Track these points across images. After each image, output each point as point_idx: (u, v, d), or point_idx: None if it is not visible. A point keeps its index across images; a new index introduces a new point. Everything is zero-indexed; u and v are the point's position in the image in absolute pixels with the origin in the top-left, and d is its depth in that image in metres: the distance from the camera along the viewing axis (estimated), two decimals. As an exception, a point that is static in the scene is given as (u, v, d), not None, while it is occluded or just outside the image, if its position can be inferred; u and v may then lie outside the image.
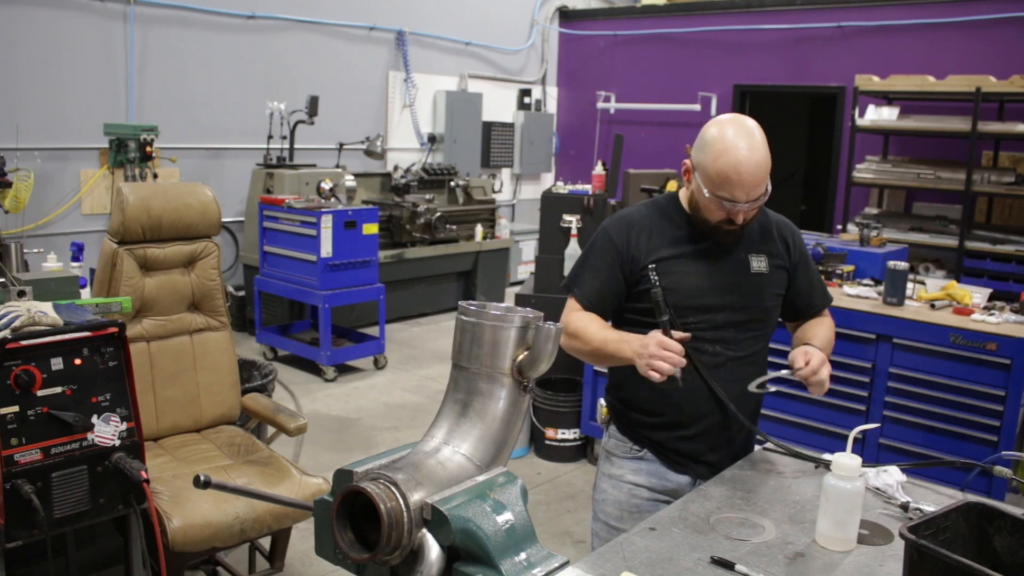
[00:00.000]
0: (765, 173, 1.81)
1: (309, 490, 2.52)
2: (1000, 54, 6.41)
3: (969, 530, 1.32)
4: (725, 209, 1.83)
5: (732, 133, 1.82)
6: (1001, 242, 5.98)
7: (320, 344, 5.44)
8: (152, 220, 2.71)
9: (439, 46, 8.20)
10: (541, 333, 1.24)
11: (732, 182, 1.79)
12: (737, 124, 1.84)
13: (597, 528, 2.10)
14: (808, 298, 2.09)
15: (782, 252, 2.03)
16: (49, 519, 1.87)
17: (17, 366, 1.84)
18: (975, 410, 3.21)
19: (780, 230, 2.05)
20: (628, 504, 2.03)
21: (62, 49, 5.63)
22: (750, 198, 1.81)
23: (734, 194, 1.80)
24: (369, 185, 7.16)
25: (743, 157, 1.78)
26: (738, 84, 8.14)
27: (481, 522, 1.04)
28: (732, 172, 1.78)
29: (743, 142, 1.79)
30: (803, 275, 2.07)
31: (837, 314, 3.46)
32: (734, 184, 1.79)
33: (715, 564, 1.48)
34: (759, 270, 1.98)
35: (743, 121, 1.85)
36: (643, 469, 2.03)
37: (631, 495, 2.03)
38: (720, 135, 1.82)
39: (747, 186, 1.79)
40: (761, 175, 1.80)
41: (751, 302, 1.96)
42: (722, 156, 1.80)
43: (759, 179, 1.80)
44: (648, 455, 2.02)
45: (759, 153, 1.80)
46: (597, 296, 1.98)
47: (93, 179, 5.84)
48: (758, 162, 1.79)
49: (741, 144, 1.79)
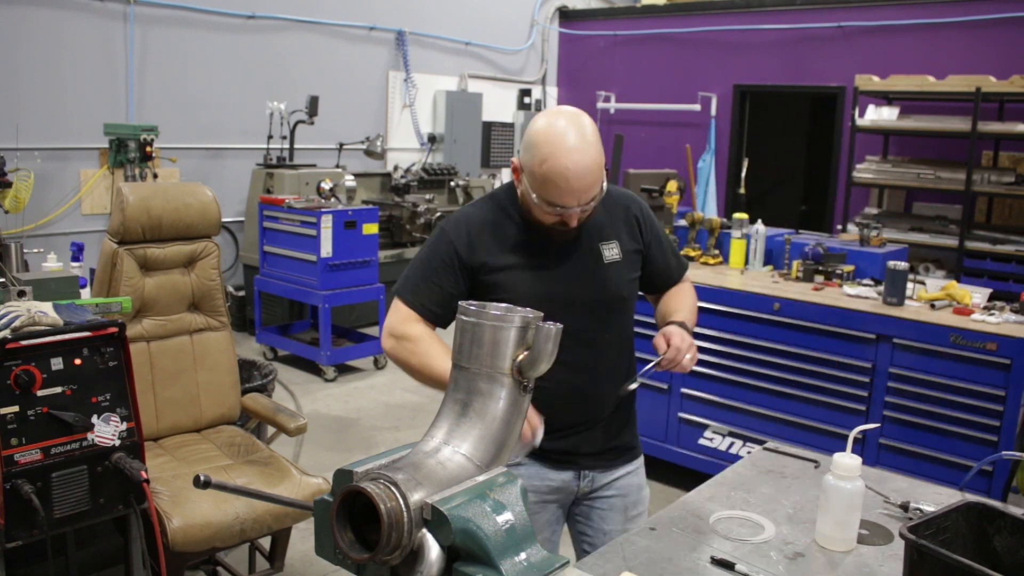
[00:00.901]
0: (597, 175, 1.67)
1: (309, 490, 2.52)
2: (1000, 54, 6.41)
3: (969, 530, 1.32)
4: (555, 214, 1.70)
5: (558, 133, 1.64)
6: (1001, 242, 5.98)
7: (320, 344, 5.44)
8: (152, 220, 2.71)
9: (439, 46, 8.20)
10: (541, 333, 1.24)
11: (560, 189, 1.64)
12: (564, 121, 1.66)
13: None
14: (665, 272, 2.01)
15: (634, 233, 1.92)
16: (49, 519, 1.87)
17: (17, 366, 1.84)
18: (975, 410, 3.21)
19: (628, 210, 1.92)
20: None
21: (62, 49, 5.63)
22: (582, 203, 1.67)
23: (564, 201, 1.66)
24: (369, 185, 7.16)
25: (571, 162, 1.62)
26: (738, 84, 8.14)
27: (481, 522, 1.05)
28: (559, 179, 1.63)
29: (570, 142, 1.63)
30: (657, 251, 1.97)
31: (837, 314, 3.50)
32: (563, 191, 1.65)
33: (715, 564, 1.48)
34: (612, 259, 1.86)
35: (571, 117, 1.68)
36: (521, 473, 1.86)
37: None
38: (545, 135, 1.65)
39: (577, 191, 1.65)
40: (592, 178, 1.65)
41: (606, 294, 1.86)
42: (548, 161, 1.63)
43: (590, 183, 1.65)
44: (524, 459, 1.89)
45: (588, 155, 1.64)
46: (438, 303, 1.79)
47: (93, 179, 5.84)
48: (587, 166, 1.64)
49: (568, 144, 1.63)
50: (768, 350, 3.67)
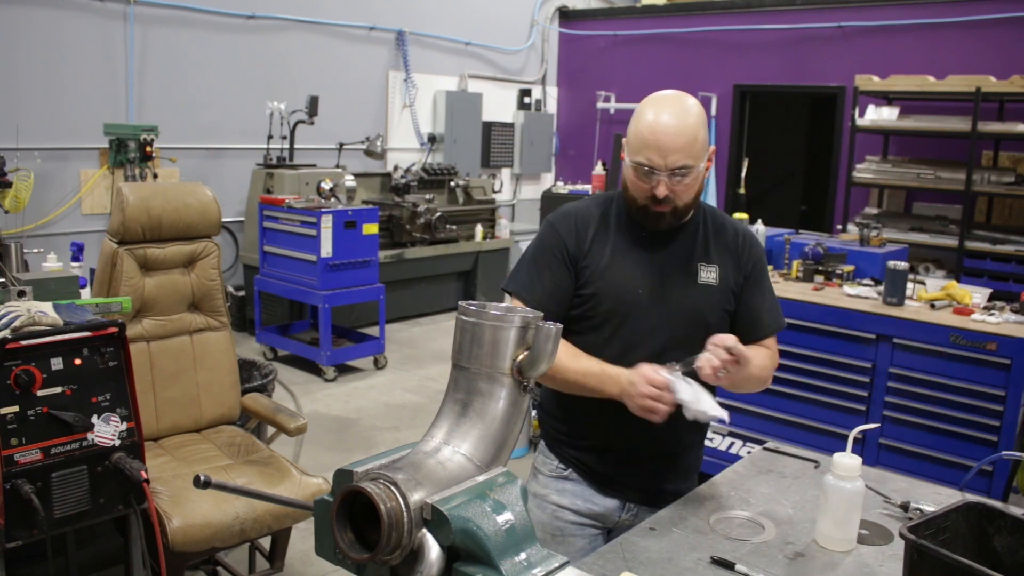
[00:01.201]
0: (688, 142, 1.66)
1: (309, 490, 2.52)
2: (1000, 54, 6.41)
3: (969, 530, 1.32)
4: (645, 182, 1.70)
5: (660, 99, 1.72)
6: (1001, 242, 5.98)
7: (320, 344, 5.44)
8: (152, 220, 2.71)
9: (439, 46, 8.20)
10: (541, 333, 1.24)
11: (647, 143, 1.67)
12: (668, 94, 1.74)
13: None
14: (754, 319, 1.85)
15: (735, 263, 1.84)
16: (49, 519, 1.87)
17: (17, 366, 1.84)
18: (975, 410, 3.21)
19: (736, 240, 1.86)
20: (551, 527, 1.88)
21: (62, 49, 5.63)
22: (668, 164, 1.66)
23: (650, 158, 1.67)
24: (369, 185, 7.16)
25: (663, 120, 1.67)
26: (738, 84, 8.14)
27: (481, 522, 1.05)
28: (648, 132, 1.67)
29: (668, 106, 1.69)
30: (754, 294, 1.85)
31: (837, 314, 3.50)
32: (650, 145, 1.67)
33: (715, 564, 1.48)
34: (707, 281, 1.80)
35: (677, 94, 1.74)
36: (568, 490, 1.88)
37: (555, 517, 1.88)
38: (649, 102, 1.73)
39: (664, 148, 1.66)
40: (681, 141, 1.66)
41: (690, 314, 1.78)
42: (643, 118, 1.70)
43: (679, 144, 1.66)
44: (573, 475, 1.87)
45: (683, 120, 1.68)
46: (549, 298, 1.78)
47: (93, 179, 5.84)
48: (679, 127, 1.66)
49: (665, 107, 1.69)
50: (768, 350, 3.67)
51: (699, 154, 1.69)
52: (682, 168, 1.67)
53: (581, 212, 1.86)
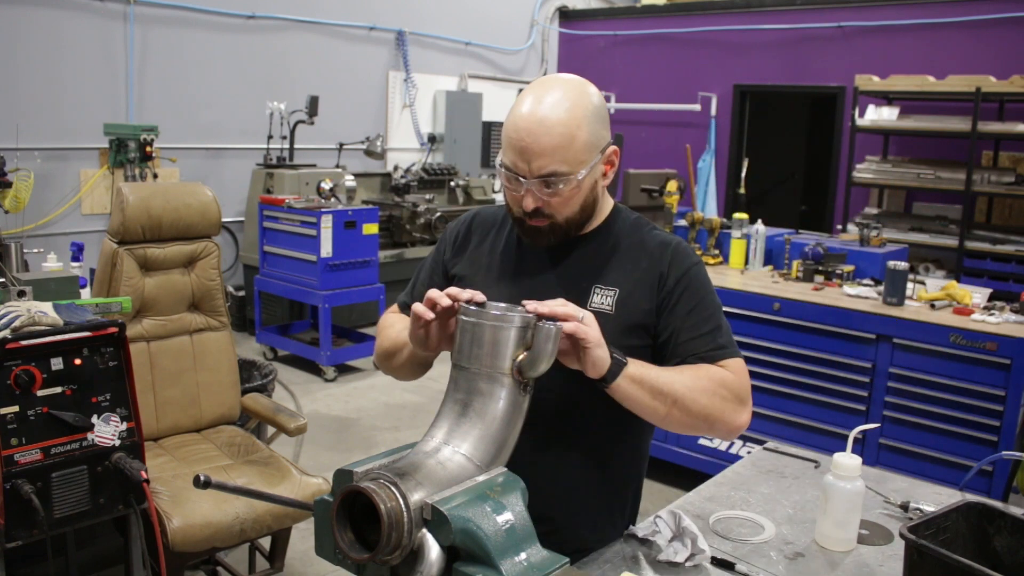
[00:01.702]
0: (559, 143, 1.34)
1: (309, 490, 2.52)
2: (1000, 54, 6.41)
3: (969, 530, 1.32)
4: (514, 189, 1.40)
5: (538, 87, 1.39)
6: (1001, 242, 5.98)
7: (320, 344, 5.44)
8: (152, 220, 2.71)
9: (439, 46, 8.20)
10: (541, 333, 1.24)
11: (511, 143, 1.37)
12: (551, 80, 1.40)
13: None
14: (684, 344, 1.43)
15: (650, 285, 1.47)
16: (49, 519, 1.87)
17: (17, 366, 1.84)
18: (975, 410, 3.21)
19: (650, 259, 1.48)
20: None
21: (62, 49, 5.62)
22: (533, 171, 1.36)
23: (514, 161, 1.37)
24: (369, 185, 7.16)
25: (532, 115, 1.35)
26: (738, 84, 8.14)
27: (481, 522, 1.05)
28: (512, 130, 1.36)
29: (545, 97, 1.36)
30: (678, 316, 1.45)
31: (837, 314, 3.50)
32: (513, 146, 1.36)
33: (715, 564, 1.48)
34: (600, 307, 1.45)
35: (564, 80, 1.41)
36: None
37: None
38: (528, 90, 1.41)
39: (527, 151, 1.34)
40: (549, 142, 1.33)
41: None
42: (513, 110, 1.39)
43: (545, 147, 1.34)
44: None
45: (557, 115, 1.34)
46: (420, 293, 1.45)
47: (93, 179, 5.84)
48: (549, 125, 1.33)
49: (541, 98, 1.36)
50: (768, 350, 3.67)
51: (577, 158, 1.36)
52: (551, 175, 1.36)
53: (484, 216, 1.65)
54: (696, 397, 1.37)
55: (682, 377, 1.38)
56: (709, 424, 1.40)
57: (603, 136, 1.43)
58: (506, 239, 1.58)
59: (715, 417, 1.39)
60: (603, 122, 1.43)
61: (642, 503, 1.70)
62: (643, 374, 1.34)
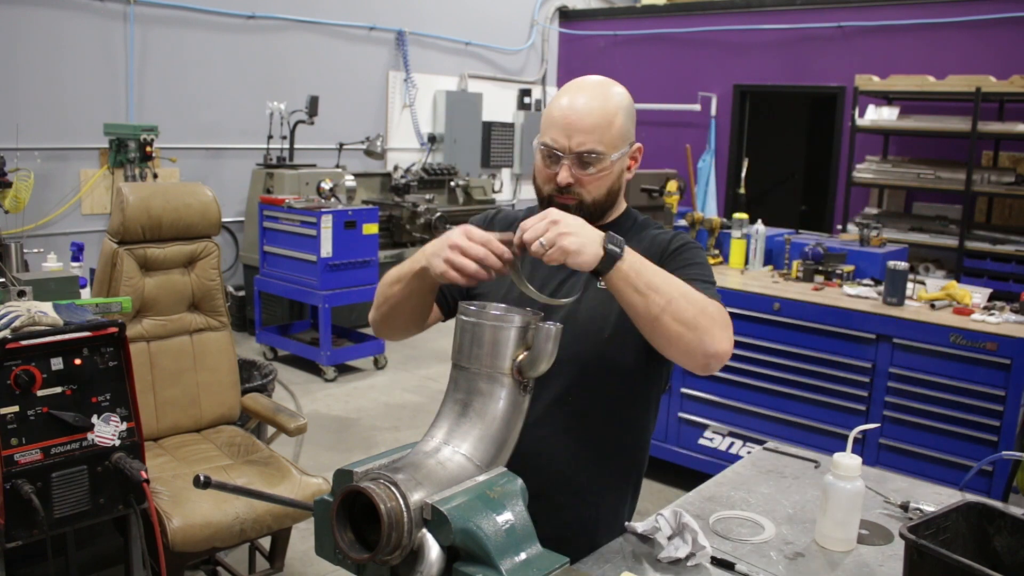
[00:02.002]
0: (599, 123, 1.50)
1: (309, 490, 2.52)
2: (1000, 54, 6.42)
3: (969, 530, 1.32)
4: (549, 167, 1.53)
5: (579, 83, 1.58)
6: (1001, 242, 5.98)
7: (320, 344, 5.44)
8: (152, 220, 2.71)
9: (439, 46, 8.20)
10: (541, 333, 1.24)
11: (555, 122, 1.52)
12: (591, 79, 1.60)
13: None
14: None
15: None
16: (49, 519, 1.87)
17: (17, 366, 1.84)
18: (975, 410, 3.21)
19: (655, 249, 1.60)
20: None
21: (62, 49, 5.63)
22: (573, 146, 1.50)
23: (555, 138, 1.51)
24: (369, 185, 7.16)
25: (572, 98, 1.52)
26: (738, 84, 8.14)
27: (481, 522, 1.05)
28: (558, 112, 1.52)
29: (587, 90, 1.55)
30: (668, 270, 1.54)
31: (837, 314, 3.50)
32: (557, 124, 1.51)
33: (715, 564, 1.48)
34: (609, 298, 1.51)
35: (602, 80, 1.60)
36: None
37: None
38: (568, 86, 1.58)
39: (570, 127, 1.50)
40: (591, 121, 1.50)
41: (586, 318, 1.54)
42: (557, 101, 1.55)
43: (587, 124, 1.49)
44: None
45: (599, 103, 1.52)
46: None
47: (93, 179, 5.84)
48: (590, 107, 1.51)
49: (583, 91, 1.54)
50: (768, 350, 3.67)
51: (613, 142, 1.52)
52: (589, 152, 1.50)
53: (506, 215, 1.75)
54: (688, 305, 1.36)
55: (678, 283, 1.39)
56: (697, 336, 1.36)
57: (632, 131, 1.59)
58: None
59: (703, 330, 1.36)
60: (633, 119, 1.59)
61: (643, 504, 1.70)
62: (638, 270, 1.35)
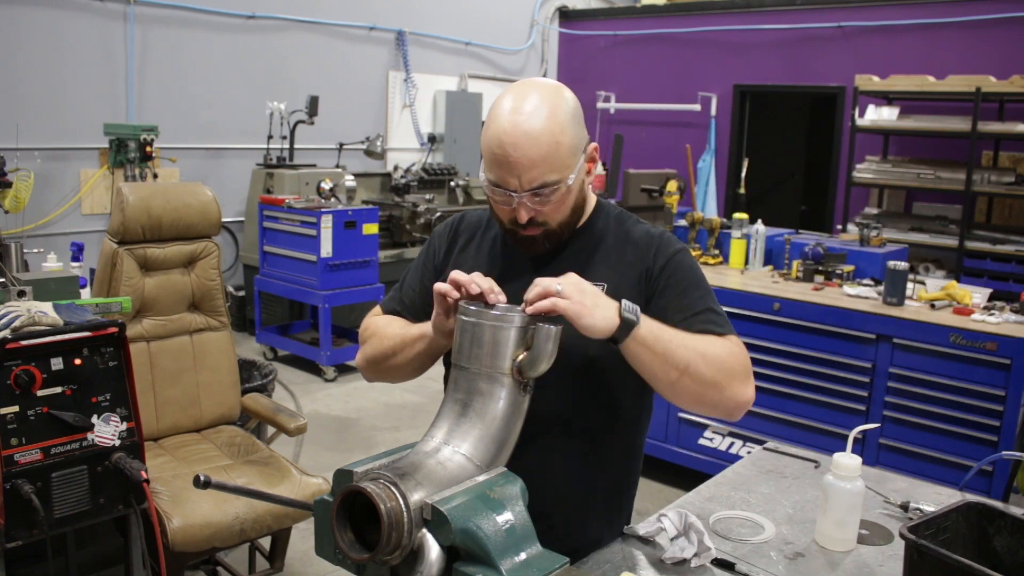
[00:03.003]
0: (546, 153, 1.33)
1: (309, 490, 2.52)
2: (1000, 54, 6.41)
3: (969, 530, 1.32)
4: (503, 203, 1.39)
5: (513, 96, 1.37)
6: (1001, 242, 5.98)
7: (320, 344, 5.44)
8: (152, 220, 2.71)
9: (439, 46, 8.20)
10: (541, 333, 1.24)
11: (497, 160, 1.34)
12: (523, 87, 1.38)
13: None
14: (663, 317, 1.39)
15: (637, 277, 1.47)
16: (49, 519, 1.87)
17: (17, 366, 1.84)
18: (975, 410, 3.21)
19: (636, 249, 1.50)
20: None
21: (62, 49, 5.62)
22: (524, 185, 1.34)
23: (502, 177, 1.35)
24: (369, 185, 7.16)
25: (513, 129, 1.32)
26: (738, 84, 8.14)
27: (481, 522, 1.05)
28: (497, 146, 1.34)
29: (516, 104, 1.34)
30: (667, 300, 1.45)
31: (837, 314, 3.50)
32: (500, 163, 1.34)
33: (715, 564, 1.48)
34: None
35: (534, 85, 1.39)
36: None
37: None
38: (501, 100, 1.38)
39: (516, 165, 1.32)
40: (536, 153, 1.32)
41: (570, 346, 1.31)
42: (492, 124, 1.36)
43: (533, 158, 1.32)
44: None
45: (533, 122, 1.32)
46: (410, 298, 1.61)
47: (93, 179, 5.84)
48: (529, 132, 1.31)
49: (507, 107, 1.35)
50: (768, 350, 3.67)
51: (564, 162, 1.35)
52: (542, 187, 1.35)
53: (471, 219, 1.64)
54: (707, 366, 1.34)
55: (694, 342, 1.35)
56: (718, 392, 1.36)
57: (583, 136, 1.41)
58: (491, 241, 1.58)
59: (723, 387, 1.36)
60: (580, 122, 1.41)
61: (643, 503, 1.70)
62: (656, 336, 1.31)
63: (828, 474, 1.56)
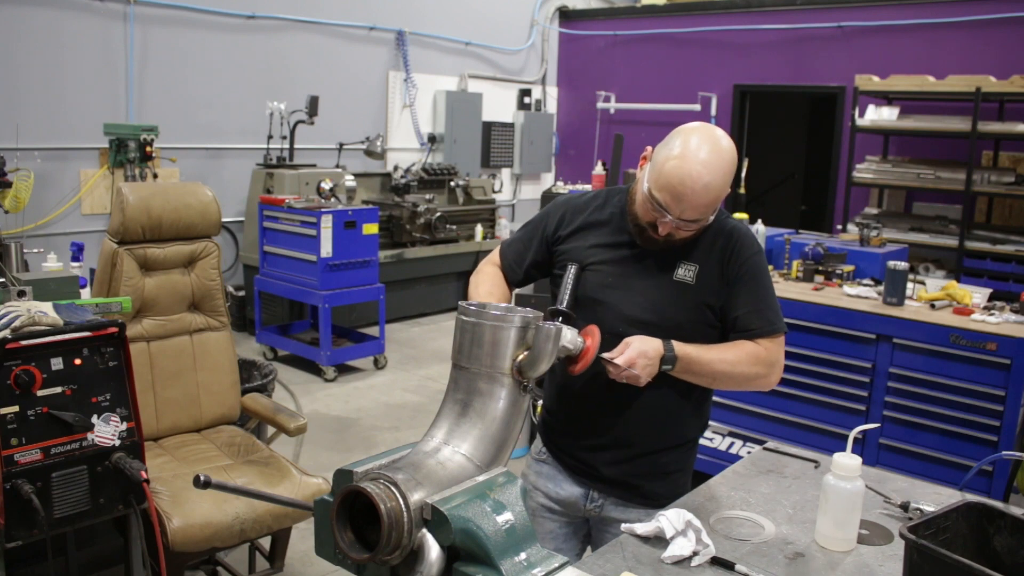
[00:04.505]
0: (712, 199, 1.63)
1: (309, 490, 2.52)
2: (1000, 54, 6.41)
3: (969, 530, 1.32)
4: (653, 213, 1.67)
5: (698, 143, 1.62)
6: (1001, 242, 5.98)
7: (320, 344, 5.44)
8: (152, 220, 2.71)
9: (439, 46, 8.20)
10: (541, 333, 1.24)
11: (670, 188, 1.62)
12: (710, 138, 1.64)
13: None
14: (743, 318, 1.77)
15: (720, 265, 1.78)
16: (49, 519, 1.87)
17: (17, 366, 1.84)
18: (975, 410, 3.21)
19: (724, 241, 1.79)
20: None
21: (62, 49, 5.63)
22: (682, 216, 1.63)
23: (667, 203, 1.63)
24: (369, 185, 7.16)
25: (695, 171, 1.59)
26: (738, 84, 8.14)
27: (481, 522, 1.05)
28: (676, 179, 1.61)
29: (705, 156, 1.60)
30: (743, 293, 1.77)
31: (837, 314, 3.50)
32: (671, 191, 1.61)
33: (715, 564, 1.48)
34: (682, 279, 1.76)
35: (719, 138, 1.65)
36: (543, 473, 1.95)
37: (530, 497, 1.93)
38: (686, 140, 1.64)
39: (684, 203, 1.61)
40: (705, 199, 1.61)
41: (660, 312, 1.75)
42: (676, 160, 1.62)
43: (701, 202, 1.62)
44: (550, 459, 1.95)
45: (715, 176, 1.61)
46: (515, 258, 1.95)
47: (93, 179, 5.84)
48: (708, 185, 1.60)
49: (701, 157, 1.60)
50: (768, 350, 3.66)
51: (715, 207, 1.67)
52: (694, 221, 1.66)
53: (578, 202, 1.92)
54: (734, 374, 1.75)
55: (723, 355, 1.74)
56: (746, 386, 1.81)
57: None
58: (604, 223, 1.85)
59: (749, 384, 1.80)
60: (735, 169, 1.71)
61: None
62: (689, 363, 1.71)
63: (828, 474, 1.56)
